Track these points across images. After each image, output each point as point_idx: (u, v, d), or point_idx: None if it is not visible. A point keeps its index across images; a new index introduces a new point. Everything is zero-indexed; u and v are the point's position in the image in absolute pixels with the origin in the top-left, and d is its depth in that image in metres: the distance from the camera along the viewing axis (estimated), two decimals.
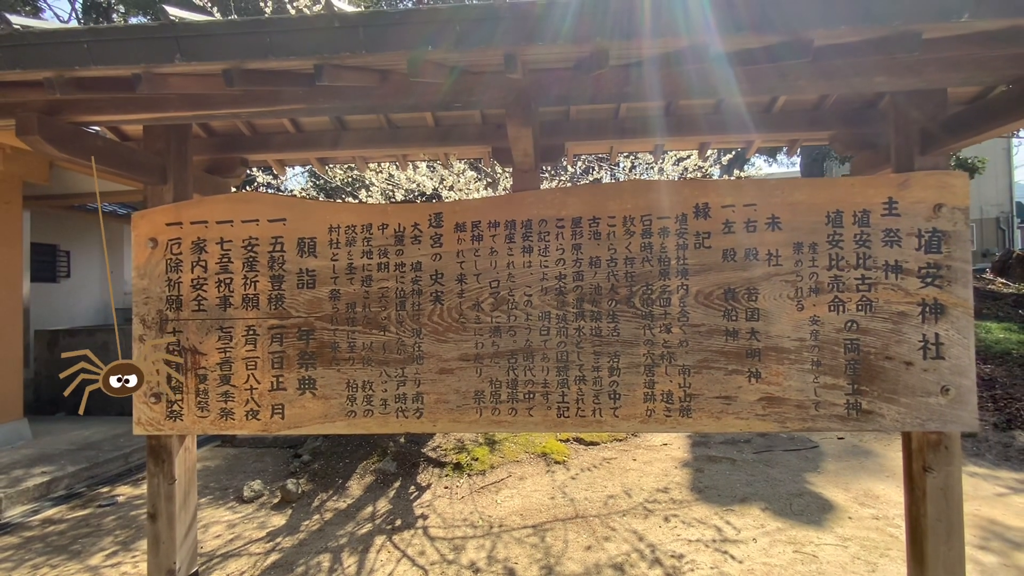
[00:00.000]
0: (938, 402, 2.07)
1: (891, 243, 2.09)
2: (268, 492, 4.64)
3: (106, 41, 1.35)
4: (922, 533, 2.16)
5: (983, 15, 1.20)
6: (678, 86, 1.90)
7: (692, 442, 5.57)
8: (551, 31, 1.27)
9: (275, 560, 3.51)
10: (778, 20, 1.25)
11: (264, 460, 5.67)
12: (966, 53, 1.63)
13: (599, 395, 2.18)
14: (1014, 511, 3.91)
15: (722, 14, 1.30)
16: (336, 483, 4.80)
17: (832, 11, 1.23)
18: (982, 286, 11.45)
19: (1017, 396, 5.55)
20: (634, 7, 1.35)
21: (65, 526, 4.13)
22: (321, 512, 4.27)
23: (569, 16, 1.32)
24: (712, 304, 2.13)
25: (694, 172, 4.86)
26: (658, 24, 1.37)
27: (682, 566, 3.31)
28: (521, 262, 2.22)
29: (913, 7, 1.20)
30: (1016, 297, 9.65)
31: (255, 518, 4.18)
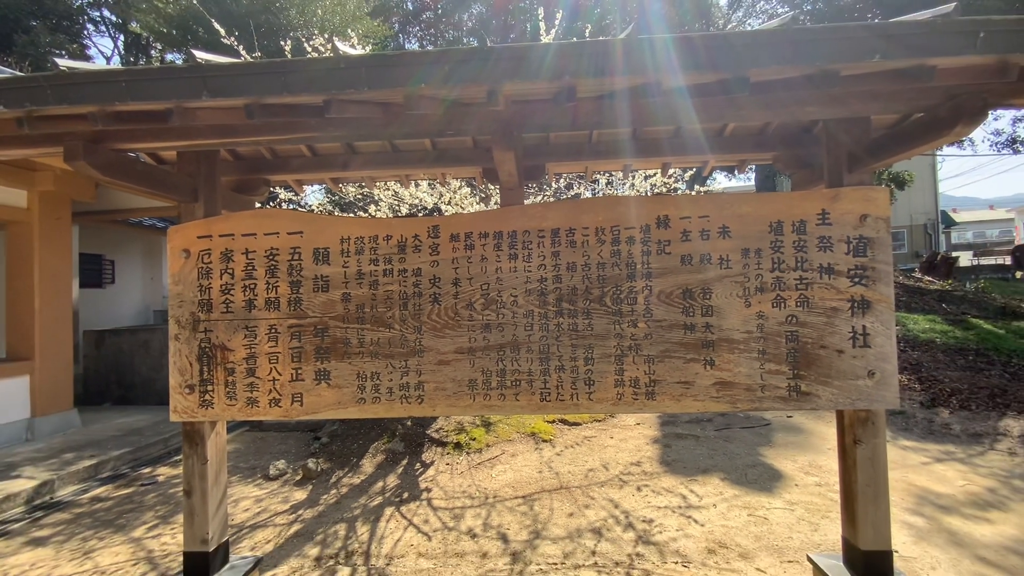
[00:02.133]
0: (865, 384, 2.11)
1: (824, 248, 2.13)
2: (291, 470, 4.63)
3: (141, 81, 1.36)
4: (854, 496, 2.21)
5: (892, 56, 1.24)
6: (642, 115, 1.94)
7: (661, 421, 5.61)
8: (528, 70, 1.30)
9: (297, 530, 3.51)
10: (721, 61, 1.29)
11: (287, 443, 5.65)
12: (883, 87, 1.68)
13: (576, 381, 2.21)
14: (937, 478, 3.98)
15: (674, 55, 1.34)
16: (351, 462, 4.80)
17: (765, 52, 1.27)
18: (912, 283, 11.62)
19: (940, 378, 5.63)
20: (602, 50, 1.38)
21: (111, 503, 4.11)
22: (338, 487, 4.27)
23: (544, 57, 1.35)
24: (672, 302, 2.16)
25: (662, 187, 4.91)
26: (623, 64, 1.40)
27: (652, 529, 3.34)
28: (508, 267, 2.24)
29: (832, 49, 1.24)
30: (939, 292, 9.79)
31: (279, 493, 4.18)
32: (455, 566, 2.97)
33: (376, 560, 3.09)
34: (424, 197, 3.92)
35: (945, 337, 6.80)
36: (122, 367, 7.67)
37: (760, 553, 3.00)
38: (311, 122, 1.71)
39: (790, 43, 1.24)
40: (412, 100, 1.43)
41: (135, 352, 7.65)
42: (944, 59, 1.34)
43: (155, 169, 2.36)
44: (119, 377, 7.68)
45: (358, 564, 3.04)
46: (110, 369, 7.71)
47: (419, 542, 3.29)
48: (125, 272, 9.42)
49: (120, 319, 9.15)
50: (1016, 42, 1.29)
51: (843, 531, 2.31)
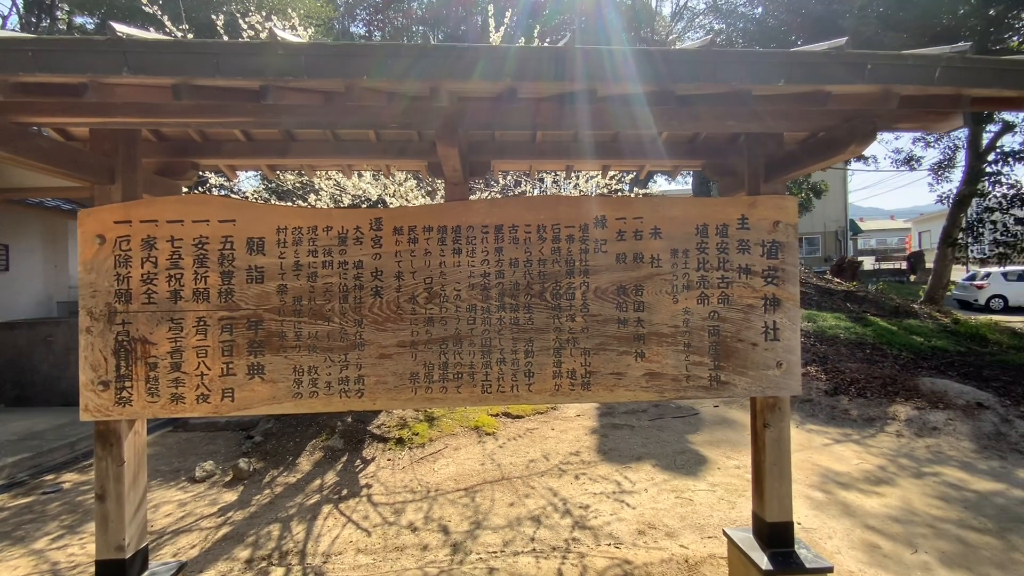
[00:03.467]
0: (775, 374, 2.35)
1: (743, 250, 2.34)
2: (220, 471, 4.39)
3: (52, 51, 1.25)
4: (763, 475, 2.46)
5: (794, 81, 1.40)
6: (580, 120, 2.03)
7: (600, 413, 5.86)
8: (469, 70, 1.34)
9: (226, 532, 3.35)
10: (649, 74, 1.39)
11: (216, 443, 5.34)
12: (791, 108, 1.87)
13: (516, 374, 2.28)
14: (836, 457, 4.46)
15: (608, 67, 1.43)
16: (287, 460, 4.62)
17: (688, 70, 1.39)
18: (823, 284, 12.77)
19: (842, 369, 6.30)
20: (542, 56, 1.45)
21: (7, 513, 3.71)
22: (272, 487, 4.10)
23: (487, 60, 1.39)
24: (607, 298, 2.28)
25: (604, 188, 5.10)
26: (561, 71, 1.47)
27: (588, 515, 3.51)
28: (452, 262, 2.27)
29: (745, 71, 1.38)
30: (845, 293, 10.88)
31: (207, 496, 3.95)
32: (395, 560, 2.97)
33: (312, 559, 3.02)
34: (368, 188, 3.82)
35: (848, 333, 7.60)
36: (19, 365, 6.87)
37: (685, 531, 3.24)
38: (247, 107, 1.64)
39: (709, 63, 1.37)
40: (355, 92, 1.42)
41: (35, 348, 6.88)
42: (838, 87, 1.53)
43: (64, 146, 2.15)
44: (16, 376, 6.87)
45: (293, 564, 2.96)
46: (4, 367, 6.89)
47: (358, 538, 3.25)
48: (22, 258, 8.41)
49: (17, 311, 8.17)
50: (897, 74, 1.50)
51: (753, 506, 2.56)
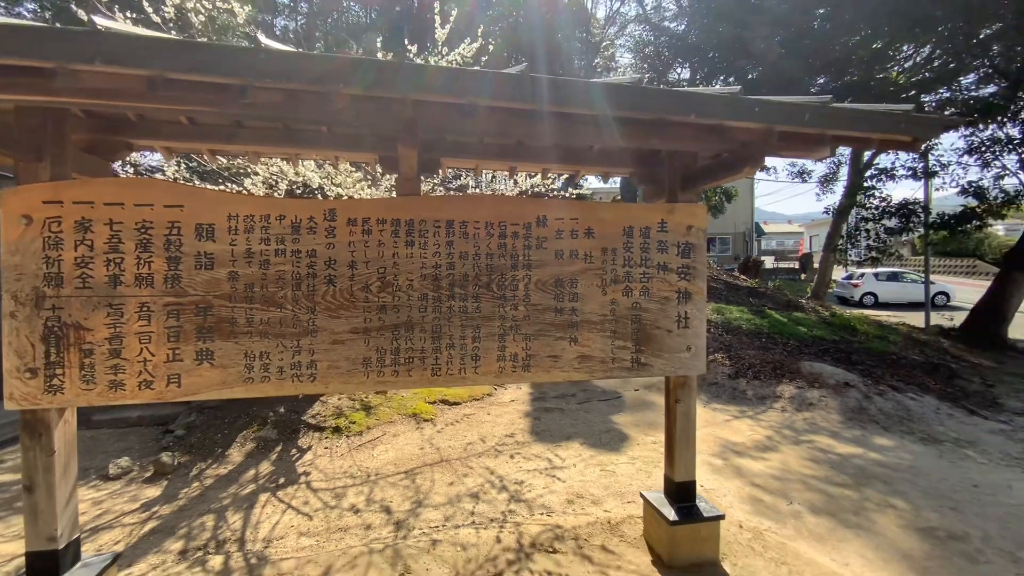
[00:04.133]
0: (685, 356, 2.76)
1: (662, 250, 2.71)
2: (138, 467, 4.16)
3: None
4: (673, 442, 2.88)
5: (702, 115, 1.73)
6: (528, 130, 2.26)
7: (532, 398, 6.22)
8: (432, 86, 1.51)
9: (154, 527, 3.24)
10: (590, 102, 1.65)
11: (128, 439, 4.99)
12: (702, 133, 2.24)
13: (464, 357, 2.49)
14: (734, 430, 5.16)
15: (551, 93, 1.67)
16: (216, 452, 4.47)
17: (620, 99, 1.66)
18: (732, 281, 14.19)
19: (743, 356, 7.17)
20: (498, 80, 1.65)
21: None
22: (201, 479, 3.98)
23: (450, 79, 1.57)
24: (547, 290, 2.55)
25: (540, 186, 5.40)
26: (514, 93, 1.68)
27: (522, 489, 3.81)
28: (405, 253, 2.41)
29: (664, 105, 1.68)
30: (749, 289, 12.22)
31: (125, 493, 3.75)
32: (339, 540, 3.08)
33: (253, 545, 3.04)
34: (310, 175, 3.77)
35: (749, 324, 8.62)
36: None
37: (608, 498, 3.65)
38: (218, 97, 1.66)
39: (638, 96, 1.66)
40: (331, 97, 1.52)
41: None
42: (734, 122, 1.89)
43: None
44: None
45: (232, 551, 2.96)
46: None
47: (300, 523, 3.30)
48: None
49: None
50: (777, 116, 1.89)
51: (665, 470, 2.98)
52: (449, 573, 2.73)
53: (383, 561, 2.83)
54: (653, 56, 12.17)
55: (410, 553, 2.91)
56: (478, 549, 2.96)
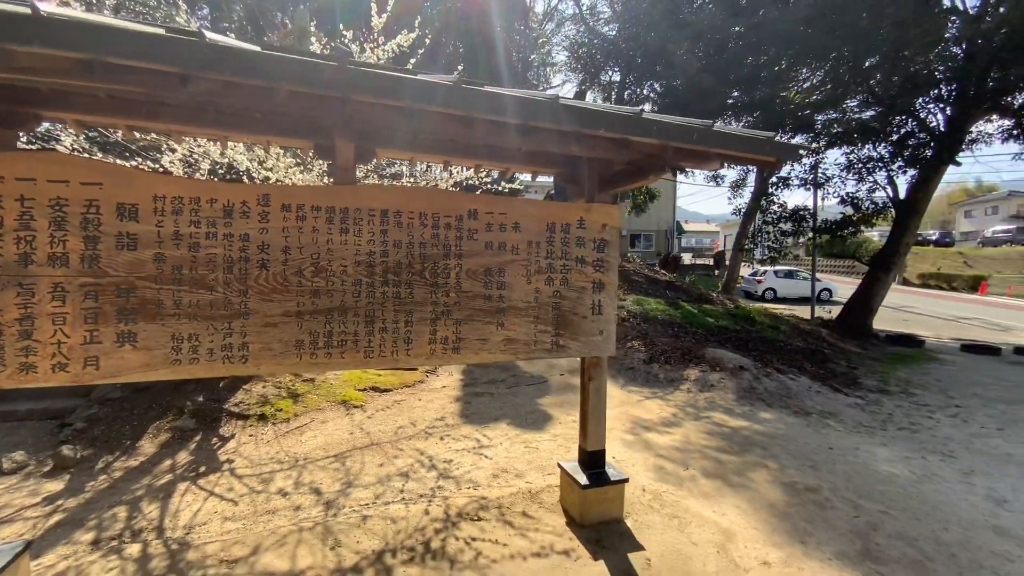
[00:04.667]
0: (598, 339, 3.10)
1: (580, 245, 3.03)
2: (35, 462, 3.86)
3: None
4: (587, 416, 3.24)
5: (610, 130, 2.02)
6: (455, 131, 2.44)
7: (464, 384, 6.44)
8: (371, 89, 1.66)
9: (60, 519, 3.08)
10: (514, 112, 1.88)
11: (19, 434, 4.57)
12: (612, 144, 2.56)
13: (397, 340, 2.64)
14: (645, 409, 5.72)
15: (484, 103, 1.87)
16: (124, 445, 4.23)
17: (541, 112, 1.91)
18: (653, 275, 15.24)
19: (657, 343, 7.88)
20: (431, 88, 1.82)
21: None
22: (109, 472, 3.78)
23: (384, 83, 1.73)
24: (476, 278, 2.77)
25: (474, 179, 5.59)
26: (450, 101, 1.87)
27: (451, 467, 4.03)
28: (339, 240, 2.51)
29: (577, 120, 1.95)
30: (667, 283, 13.26)
31: (23, 487, 3.49)
32: (267, 522, 3.12)
33: (173, 532, 3.00)
34: (238, 158, 3.64)
35: (664, 314, 9.42)
36: None
37: (530, 472, 3.98)
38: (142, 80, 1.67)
39: (555, 111, 1.91)
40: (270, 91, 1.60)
41: None
42: (636, 137, 2.22)
43: None
44: None
45: (150, 539, 2.91)
46: None
47: (224, 508, 3.29)
48: None
49: None
50: (672, 134, 2.24)
51: (579, 442, 3.34)
52: (379, 544, 2.89)
53: (313, 537, 2.93)
54: (586, 58, 12.70)
55: (340, 528, 3.03)
56: (407, 521, 3.15)
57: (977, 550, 3.04)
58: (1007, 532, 3.27)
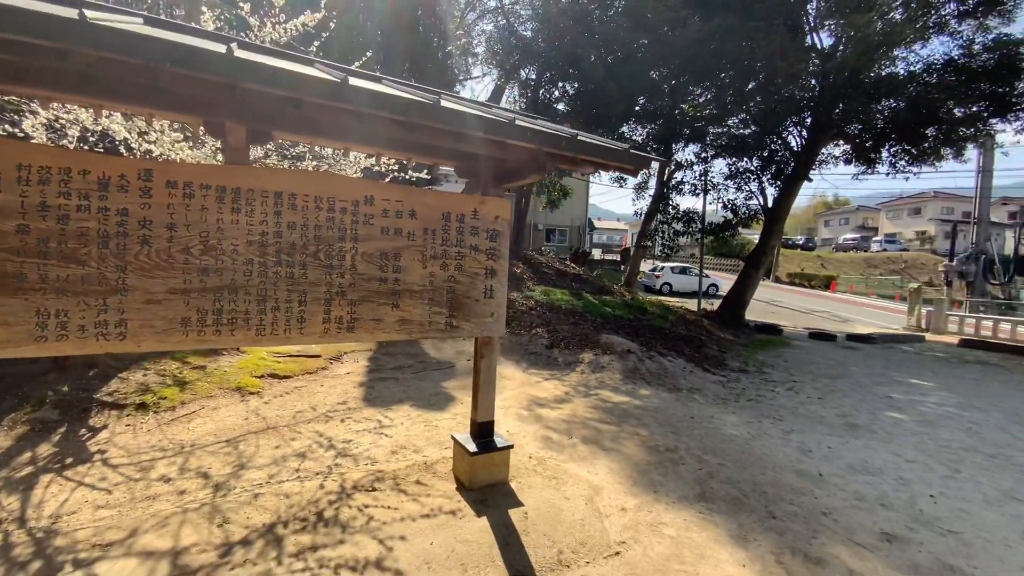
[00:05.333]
0: (490, 321, 3.42)
1: (475, 234, 3.30)
2: None
3: None
4: (478, 390, 3.55)
5: (491, 134, 2.31)
6: (350, 122, 2.59)
7: (368, 370, 6.50)
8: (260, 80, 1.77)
9: None
10: (403, 111, 2.09)
11: None
12: (497, 144, 2.86)
13: (290, 319, 2.74)
14: (543, 389, 6.22)
15: (374, 101, 2.06)
16: None
17: (428, 115, 2.14)
18: (563, 268, 16.11)
19: (559, 330, 8.48)
20: (320, 83, 1.96)
21: None
22: None
23: (279, 78, 1.85)
24: (372, 261, 2.93)
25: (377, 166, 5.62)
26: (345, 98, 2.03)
27: (350, 447, 4.15)
28: (230, 219, 2.54)
29: (461, 123, 2.22)
30: (575, 275, 14.15)
31: None
32: (146, 507, 3.04)
33: (37, 522, 2.82)
34: (115, 128, 3.35)
35: (568, 304, 10.12)
36: None
37: (429, 447, 4.22)
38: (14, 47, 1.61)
39: (440, 113, 2.14)
40: (154, 70, 1.64)
41: None
42: (515, 142, 2.54)
43: None
44: None
45: (11, 529, 2.73)
46: None
47: (96, 497, 3.14)
48: None
49: None
50: (544, 141, 2.59)
51: (472, 414, 3.65)
52: (271, 518, 2.98)
53: (199, 517, 2.93)
54: (504, 55, 13.02)
55: (230, 507, 3.06)
56: (302, 496, 3.25)
57: (782, 487, 3.85)
58: (805, 473, 4.16)
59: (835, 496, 3.77)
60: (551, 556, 2.78)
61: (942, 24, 11.39)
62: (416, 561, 2.65)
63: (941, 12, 11.28)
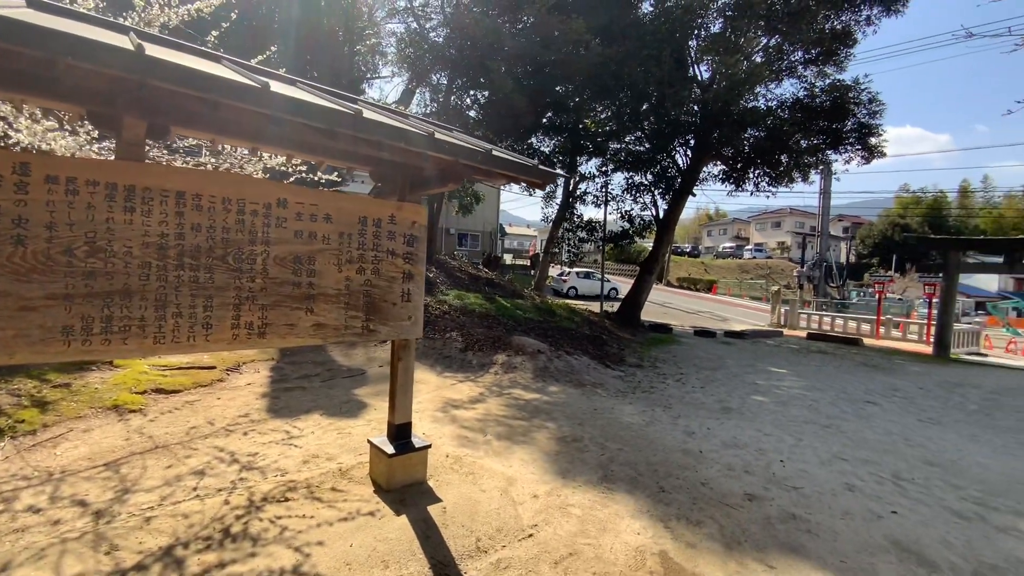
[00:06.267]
0: (407, 324, 3.51)
1: (392, 238, 3.38)
2: None
3: None
4: (395, 393, 3.61)
5: (412, 146, 2.44)
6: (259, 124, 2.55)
7: (272, 380, 6.15)
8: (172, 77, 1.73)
9: None
10: (322, 119, 2.15)
11: None
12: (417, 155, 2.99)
13: (194, 326, 2.60)
14: (458, 391, 6.36)
15: (291, 108, 2.10)
16: None
17: (348, 123, 2.22)
18: (476, 273, 16.34)
19: (474, 334, 8.68)
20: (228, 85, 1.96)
21: None
22: None
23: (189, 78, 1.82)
24: (285, 265, 2.89)
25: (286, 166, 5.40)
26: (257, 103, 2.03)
27: (256, 460, 3.95)
28: (122, 219, 2.37)
29: (382, 133, 2.32)
30: (488, 280, 14.45)
31: None
32: (15, 540, 2.67)
33: None
34: None
35: (482, 308, 10.37)
36: None
37: (343, 454, 4.16)
38: None
39: (361, 123, 2.23)
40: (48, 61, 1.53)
41: None
42: (433, 153, 2.70)
43: None
44: None
45: None
46: None
47: None
48: None
49: None
50: (460, 153, 2.78)
51: (389, 417, 3.70)
52: (168, 540, 2.78)
53: (82, 546, 2.65)
54: (415, 58, 12.97)
55: (117, 533, 2.80)
56: (203, 514, 3.06)
57: (671, 465, 4.41)
58: (689, 452, 4.79)
59: (712, 468, 4.41)
60: (470, 544, 2.95)
61: (792, 68, 13.62)
62: (336, 563, 2.66)
63: (791, 58, 13.49)
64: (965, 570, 3.07)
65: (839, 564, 3.02)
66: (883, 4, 11.99)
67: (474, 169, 3.06)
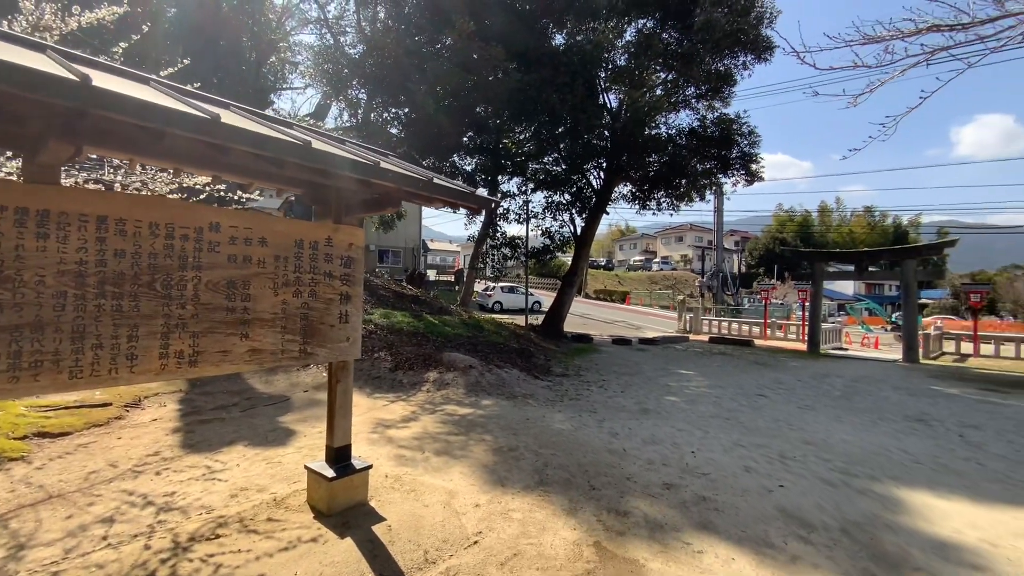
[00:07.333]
0: (345, 345, 3.52)
1: (328, 261, 3.40)
2: None
3: None
4: (334, 415, 3.59)
5: (355, 173, 2.55)
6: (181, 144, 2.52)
7: (183, 412, 5.68)
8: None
9: None
10: (261, 146, 2.20)
11: None
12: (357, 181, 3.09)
13: (116, 357, 2.46)
14: (390, 412, 6.31)
15: (231, 136, 2.13)
16: None
17: (289, 151, 2.29)
18: (400, 290, 16.10)
19: (402, 352, 8.61)
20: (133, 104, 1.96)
21: None
22: None
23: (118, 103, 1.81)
24: (218, 290, 2.82)
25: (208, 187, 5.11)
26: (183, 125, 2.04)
27: (174, 500, 3.68)
28: (34, 246, 2.22)
29: (328, 162, 2.41)
30: (413, 297, 14.32)
31: None
32: None
33: None
34: None
35: (409, 326, 10.29)
36: None
37: (275, 484, 4.00)
38: None
39: (307, 153, 2.31)
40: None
41: None
42: (375, 180, 2.82)
43: None
44: None
45: None
46: None
47: None
48: None
49: None
50: (401, 181, 2.93)
51: (327, 440, 3.66)
52: None
53: None
54: (331, 72, 12.71)
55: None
56: (121, 562, 2.82)
57: (599, 465, 4.78)
58: (615, 451, 5.22)
59: (635, 464, 4.85)
60: (418, 557, 3.02)
61: (687, 101, 15.31)
62: None
63: (685, 92, 15.17)
64: (834, 527, 3.73)
65: (740, 534, 3.52)
66: (754, 52, 13.97)
67: (413, 194, 3.21)
